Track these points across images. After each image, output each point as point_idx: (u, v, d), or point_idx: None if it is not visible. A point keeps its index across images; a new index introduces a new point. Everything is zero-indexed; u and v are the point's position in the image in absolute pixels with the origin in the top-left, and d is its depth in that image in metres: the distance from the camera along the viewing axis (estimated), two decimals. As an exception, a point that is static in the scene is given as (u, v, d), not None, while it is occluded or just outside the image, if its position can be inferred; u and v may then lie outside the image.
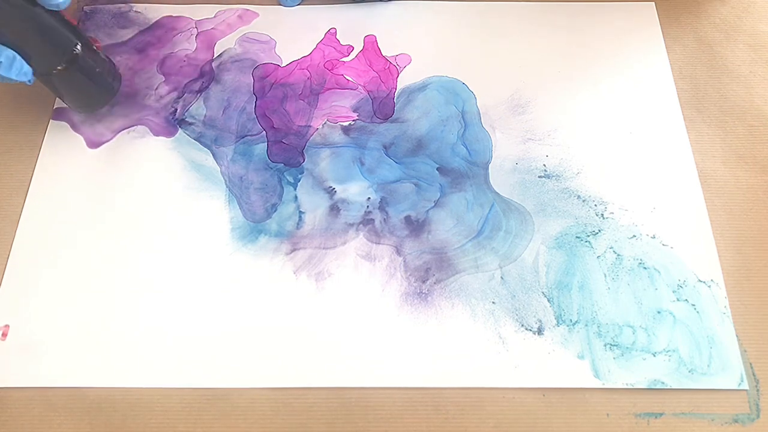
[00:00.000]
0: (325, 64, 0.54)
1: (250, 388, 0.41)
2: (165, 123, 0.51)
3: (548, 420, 0.40)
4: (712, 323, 0.42)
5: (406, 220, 0.47)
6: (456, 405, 0.41)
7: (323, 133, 0.51)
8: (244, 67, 0.54)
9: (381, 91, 0.52)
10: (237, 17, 0.56)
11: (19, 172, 0.49)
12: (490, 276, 0.44)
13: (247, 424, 0.40)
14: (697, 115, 0.51)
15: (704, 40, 0.55)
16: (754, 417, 0.40)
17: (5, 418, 0.40)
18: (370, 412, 0.41)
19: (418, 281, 0.44)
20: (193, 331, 0.43)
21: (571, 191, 0.48)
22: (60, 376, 0.41)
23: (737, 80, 0.53)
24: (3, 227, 0.47)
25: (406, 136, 0.50)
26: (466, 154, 0.49)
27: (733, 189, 0.48)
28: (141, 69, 0.53)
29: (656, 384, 0.41)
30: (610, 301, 0.43)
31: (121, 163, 0.49)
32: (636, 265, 0.44)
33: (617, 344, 0.42)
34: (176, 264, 0.45)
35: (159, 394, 0.41)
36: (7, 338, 0.42)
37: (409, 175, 0.49)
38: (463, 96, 0.52)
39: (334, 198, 0.48)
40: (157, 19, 0.56)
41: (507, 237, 0.46)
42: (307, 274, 0.45)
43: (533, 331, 0.42)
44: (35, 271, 0.45)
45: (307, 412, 0.41)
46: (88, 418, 0.40)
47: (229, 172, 0.49)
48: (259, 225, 0.47)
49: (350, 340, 0.42)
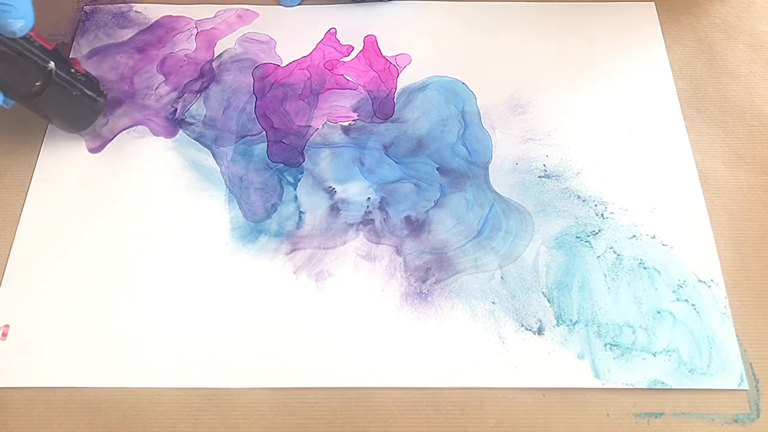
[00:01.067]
0: (325, 64, 0.54)
1: (250, 388, 0.41)
2: (165, 123, 0.51)
3: (548, 420, 0.40)
4: (712, 323, 0.42)
5: (406, 220, 0.47)
6: (456, 405, 0.41)
7: (323, 133, 0.51)
8: (244, 67, 0.54)
9: (381, 91, 0.52)
10: (237, 17, 0.56)
11: (19, 172, 0.49)
12: (490, 276, 0.44)
13: (247, 424, 0.40)
14: (697, 115, 0.51)
15: (704, 40, 0.55)
16: (754, 417, 0.40)
17: (5, 418, 0.40)
18: (370, 412, 0.41)
19: (418, 281, 0.44)
20: (193, 331, 0.43)
21: (571, 191, 0.48)
22: (60, 376, 0.41)
23: (737, 80, 0.53)
24: (3, 227, 0.47)
25: (406, 136, 0.50)
26: (466, 154, 0.49)
27: (733, 189, 0.48)
28: (141, 69, 0.53)
29: (656, 384, 0.41)
30: (610, 301, 0.43)
31: (121, 163, 0.49)
32: (636, 265, 0.44)
33: (617, 344, 0.42)
34: (176, 264, 0.45)
35: (159, 394, 0.41)
36: (7, 338, 0.42)
37: (409, 175, 0.49)
38: (463, 96, 0.52)
39: (334, 198, 0.48)
40: (157, 19, 0.56)
41: (507, 237, 0.46)
42: (307, 274, 0.45)
43: (533, 331, 0.42)
44: (35, 271, 0.45)
45: (307, 412, 0.41)
46: (88, 418, 0.40)
47: (229, 172, 0.49)
48: (259, 225, 0.47)
49: (350, 340, 0.42)
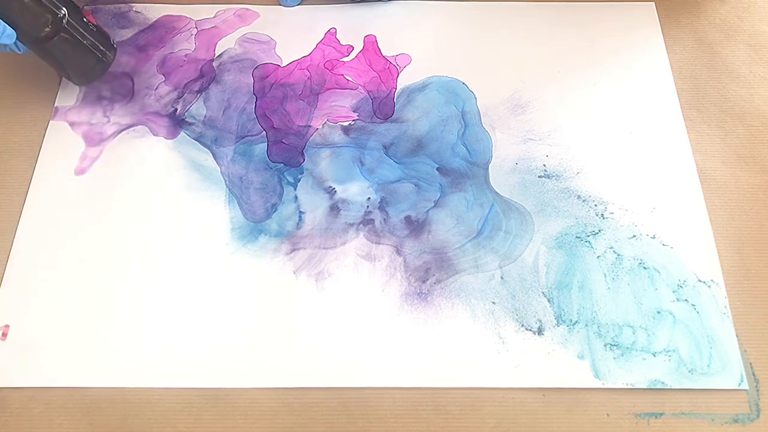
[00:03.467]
0: (325, 64, 0.54)
1: (250, 388, 0.41)
2: (165, 123, 0.51)
3: (548, 420, 0.40)
4: (712, 323, 0.42)
5: (406, 220, 0.47)
6: (456, 405, 0.41)
7: (323, 133, 0.51)
8: (244, 67, 0.54)
9: (381, 91, 0.52)
10: (237, 17, 0.56)
11: (19, 172, 0.49)
12: (490, 276, 0.44)
13: (247, 424, 0.40)
14: (697, 115, 0.51)
15: (704, 40, 0.55)
16: (754, 417, 0.40)
17: (5, 418, 0.40)
18: (370, 412, 0.41)
19: (418, 281, 0.44)
20: (193, 331, 0.43)
21: (571, 191, 0.48)
22: (60, 376, 0.41)
23: (737, 80, 0.53)
24: (3, 227, 0.47)
25: (406, 136, 0.50)
26: (466, 154, 0.49)
27: (733, 189, 0.48)
28: (141, 69, 0.53)
29: (656, 384, 0.41)
30: (610, 301, 0.43)
31: (121, 163, 0.49)
32: (636, 265, 0.44)
33: (617, 344, 0.42)
34: (176, 264, 0.45)
35: (159, 394, 0.41)
36: (7, 338, 0.42)
37: (409, 175, 0.49)
38: (463, 96, 0.52)
39: (334, 198, 0.48)
40: (157, 19, 0.56)
41: (507, 237, 0.46)
42: (307, 274, 0.45)
43: (533, 331, 0.42)
44: (35, 271, 0.45)
45: (307, 412, 0.41)
46: (88, 418, 0.40)
47: (230, 172, 0.49)
48: (259, 225, 0.47)
49: (350, 340, 0.42)
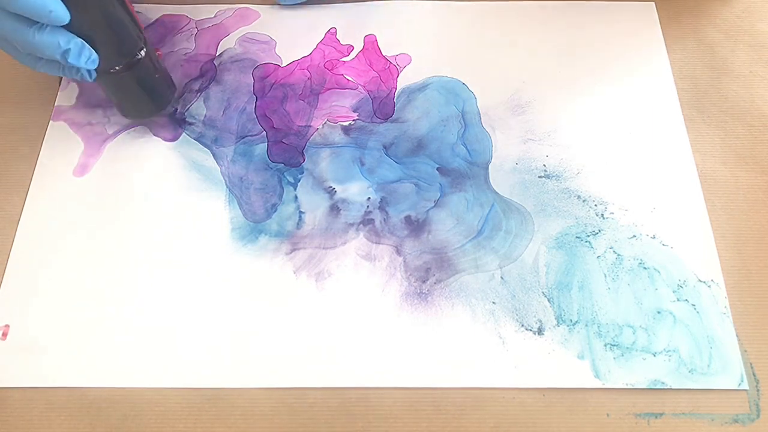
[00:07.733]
0: (325, 64, 0.54)
1: (250, 388, 0.41)
2: (165, 123, 0.51)
3: (548, 420, 0.40)
4: (712, 323, 0.42)
5: (406, 220, 0.47)
6: (456, 405, 0.41)
7: (323, 133, 0.51)
8: (244, 67, 0.54)
9: (381, 91, 0.52)
10: (237, 17, 0.56)
11: (19, 172, 0.49)
12: (490, 276, 0.44)
13: (247, 424, 0.40)
14: (697, 115, 0.51)
15: (705, 41, 0.55)
16: (754, 417, 0.40)
17: (5, 418, 0.40)
18: (370, 412, 0.41)
19: (418, 281, 0.44)
20: (193, 331, 0.43)
21: (571, 191, 0.48)
22: (60, 376, 0.41)
23: (737, 80, 0.53)
24: (3, 227, 0.47)
25: (406, 136, 0.50)
26: (466, 154, 0.49)
27: (733, 189, 0.48)
28: (141, 69, 0.53)
29: (656, 384, 0.41)
30: (610, 301, 0.43)
31: (121, 163, 0.49)
32: (636, 265, 0.44)
33: (617, 344, 0.42)
34: (176, 264, 0.45)
35: (159, 394, 0.41)
36: (7, 338, 0.42)
37: (409, 175, 0.49)
38: (463, 96, 0.52)
39: (334, 198, 0.48)
40: (157, 19, 0.56)
41: (507, 237, 0.46)
42: (307, 274, 0.45)
43: (533, 331, 0.42)
44: (35, 271, 0.45)
45: (307, 412, 0.41)
46: (88, 418, 0.40)
47: (230, 173, 0.49)
48: (259, 225, 0.47)
49: (350, 340, 0.42)
